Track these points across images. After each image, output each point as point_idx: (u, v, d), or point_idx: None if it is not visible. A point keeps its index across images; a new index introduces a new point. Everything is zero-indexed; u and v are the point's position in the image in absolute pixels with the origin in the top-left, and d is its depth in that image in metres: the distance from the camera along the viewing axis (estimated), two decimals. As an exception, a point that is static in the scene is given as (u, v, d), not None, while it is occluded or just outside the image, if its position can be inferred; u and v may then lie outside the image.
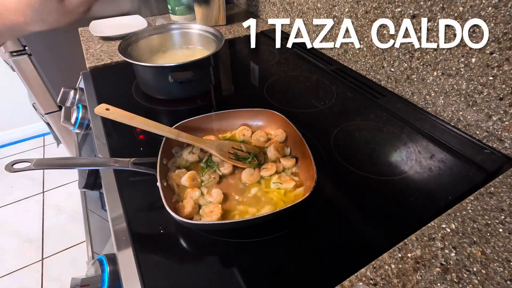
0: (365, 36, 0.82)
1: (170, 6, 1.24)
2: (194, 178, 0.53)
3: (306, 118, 0.73)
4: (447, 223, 0.48)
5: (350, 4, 0.83)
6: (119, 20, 1.22)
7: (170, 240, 0.48)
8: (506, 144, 0.61)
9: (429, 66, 0.69)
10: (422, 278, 0.41)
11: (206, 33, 0.88)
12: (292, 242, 0.47)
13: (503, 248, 0.44)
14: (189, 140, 0.58)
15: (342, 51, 0.93)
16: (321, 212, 0.51)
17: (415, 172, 0.58)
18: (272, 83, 0.87)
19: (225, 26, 1.24)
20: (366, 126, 0.71)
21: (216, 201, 0.51)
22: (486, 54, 0.58)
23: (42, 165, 0.46)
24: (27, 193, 1.82)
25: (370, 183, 0.57)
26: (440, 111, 0.71)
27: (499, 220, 0.48)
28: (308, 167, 0.53)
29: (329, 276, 0.42)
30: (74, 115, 0.81)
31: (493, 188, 0.54)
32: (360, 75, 0.89)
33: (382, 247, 0.45)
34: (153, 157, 0.53)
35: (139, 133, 0.68)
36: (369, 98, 0.79)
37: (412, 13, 0.68)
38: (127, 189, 0.55)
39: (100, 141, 0.66)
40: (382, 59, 0.80)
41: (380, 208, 0.52)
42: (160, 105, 0.78)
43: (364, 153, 0.64)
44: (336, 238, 0.48)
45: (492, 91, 0.59)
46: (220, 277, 0.43)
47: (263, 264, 0.45)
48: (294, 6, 1.06)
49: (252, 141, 0.63)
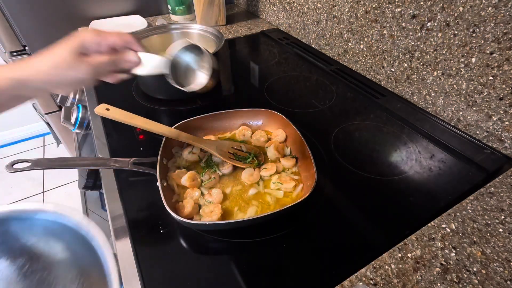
0: (365, 36, 0.82)
1: (170, 6, 1.24)
2: (194, 178, 0.53)
3: (306, 118, 0.73)
4: (447, 223, 0.48)
5: (350, 4, 0.83)
6: (119, 20, 1.22)
7: (170, 240, 0.48)
8: (506, 144, 0.61)
9: (429, 66, 0.69)
10: (422, 278, 0.41)
11: (206, 33, 0.88)
12: (292, 242, 0.47)
13: (503, 248, 0.44)
14: (189, 140, 0.58)
15: (342, 51, 0.93)
16: (321, 212, 0.51)
17: (415, 172, 0.58)
18: (272, 83, 0.87)
19: (225, 26, 1.24)
20: (366, 126, 0.71)
21: (216, 201, 0.51)
22: (486, 54, 0.58)
23: (42, 165, 0.46)
24: (27, 193, 1.82)
25: (370, 183, 0.57)
26: (440, 111, 0.71)
27: (499, 220, 0.48)
28: (308, 167, 0.53)
29: (329, 276, 0.42)
30: (74, 115, 0.81)
31: (493, 188, 0.54)
32: (360, 75, 0.89)
33: (382, 247, 0.45)
34: (153, 157, 0.53)
35: (139, 133, 0.68)
36: (369, 98, 0.79)
37: (412, 13, 0.68)
38: (127, 189, 0.55)
39: (100, 141, 0.66)
40: (382, 59, 0.80)
41: (380, 208, 0.52)
42: (160, 105, 0.78)
43: (364, 153, 0.64)
44: (336, 238, 0.48)
45: (492, 91, 0.59)
46: (220, 277, 0.43)
47: (263, 264, 0.45)
48: (294, 6, 1.06)
49: (252, 141, 0.63)
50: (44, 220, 0.31)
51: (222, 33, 0.84)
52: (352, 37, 0.87)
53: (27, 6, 1.11)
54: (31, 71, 0.39)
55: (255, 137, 0.63)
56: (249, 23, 1.27)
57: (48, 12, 1.15)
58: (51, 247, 0.33)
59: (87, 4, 1.20)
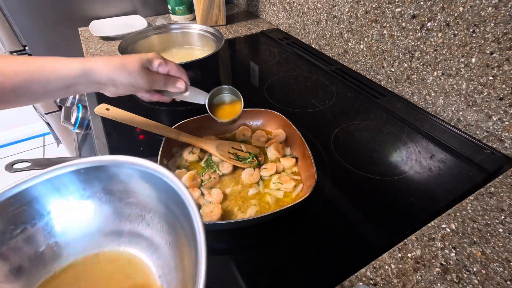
0: (365, 36, 0.82)
1: (170, 6, 1.24)
2: (194, 178, 0.53)
3: (306, 118, 0.73)
4: (447, 223, 0.48)
5: (350, 4, 0.83)
6: (119, 20, 1.22)
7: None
8: (506, 144, 0.61)
9: (429, 66, 0.69)
10: (422, 278, 0.41)
11: (206, 33, 0.88)
12: (292, 242, 0.47)
13: (503, 248, 0.44)
14: (189, 140, 0.58)
15: (342, 51, 0.93)
16: (321, 212, 0.51)
17: (415, 172, 0.58)
18: (272, 83, 0.87)
19: (225, 26, 1.24)
20: (366, 126, 0.71)
21: (216, 201, 0.51)
22: (486, 54, 0.58)
23: (42, 165, 0.46)
24: (27, 193, 1.82)
25: (370, 183, 0.57)
26: (440, 111, 0.71)
27: (499, 220, 0.48)
28: (308, 167, 0.53)
29: (329, 276, 0.42)
30: (74, 115, 0.81)
31: (493, 188, 0.54)
32: (360, 75, 0.89)
33: (382, 247, 0.45)
34: (153, 157, 0.53)
35: (139, 133, 0.68)
36: (369, 98, 0.79)
37: (412, 13, 0.68)
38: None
39: (100, 141, 0.66)
40: (382, 59, 0.80)
41: (380, 208, 0.52)
42: (160, 105, 0.78)
43: (364, 153, 0.64)
44: (336, 238, 0.48)
45: (492, 91, 0.59)
46: (220, 277, 0.43)
47: (263, 264, 0.45)
48: (294, 6, 1.06)
49: (252, 141, 0.63)
50: (140, 170, 0.33)
51: (222, 33, 0.84)
52: (352, 37, 0.87)
53: (27, 6, 1.11)
54: (101, 65, 0.44)
55: (255, 137, 0.63)
56: (249, 23, 1.27)
57: (48, 12, 1.15)
58: (148, 195, 0.35)
59: (87, 4, 1.20)
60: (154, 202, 0.35)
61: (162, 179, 0.32)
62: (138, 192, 0.36)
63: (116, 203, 0.37)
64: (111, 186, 0.36)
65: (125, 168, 0.34)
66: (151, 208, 0.36)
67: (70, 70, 0.42)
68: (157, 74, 0.49)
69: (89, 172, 0.34)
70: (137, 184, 0.35)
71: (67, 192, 0.35)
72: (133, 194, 0.36)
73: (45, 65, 0.41)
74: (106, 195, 0.36)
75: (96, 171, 0.34)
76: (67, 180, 0.34)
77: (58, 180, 0.34)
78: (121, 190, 0.36)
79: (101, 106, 0.53)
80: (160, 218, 0.36)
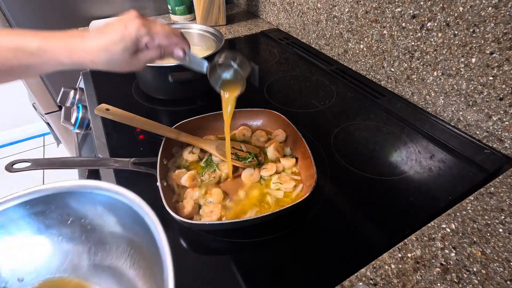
0: (365, 36, 0.82)
1: (170, 6, 1.24)
2: (194, 178, 0.53)
3: (306, 118, 0.73)
4: (447, 223, 0.48)
5: (350, 4, 0.83)
6: (119, 20, 1.22)
7: (170, 240, 0.47)
8: (506, 144, 0.61)
9: (429, 66, 0.69)
10: (422, 278, 0.41)
11: (206, 33, 0.88)
12: (292, 242, 0.47)
13: (503, 248, 0.44)
14: (189, 140, 0.58)
15: (342, 51, 0.93)
16: (321, 212, 0.51)
17: (415, 172, 0.58)
18: (272, 83, 0.87)
19: (225, 26, 1.24)
20: (366, 126, 0.71)
21: (216, 201, 0.51)
22: (486, 54, 0.58)
23: (42, 165, 0.46)
24: (27, 193, 1.82)
25: (370, 183, 0.57)
26: (440, 111, 0.71)
27: (499, 220, 0.48)
28: (308, 167, 0.53)
29: (329, 276, 0.42)
30: (74, 115, 0.81)
31: (493, 188, 0.54)
32: (360, 75, 0.89)
33: (382, 247, 0.45)
34: (153, 157, 0.53)
35: (139, 133, 0.68)
36: (369, 98, 0.79)
37: (412, 13, 0.68)
38: (127, 189, 0.55)
39: (100, 141, 0.66)
40: (382, 59, 0.80)
41: (380, 208, 0.52)
42: (160, 105, 0.78)
43: (364, 153, 0.64)
44: (336, 238, 0.48)
45: (492, 91, 0.59)
46: (220, 277, 0.43)
47: (263, 264, 0.45)
48: (294, 6, 1.06)
49: (252, 141, 0.63)
50: (100, 195, 0.33)
51: (222, 33, 0.83)
52: (352, 37, 0.87)
53: (27, 6, 1.11)
54: (87, 59, 0.42)
55: (255, 137, 0.63)
56: (249, 23, 1.27)
57: (48, 12, 1.15)
58: (105, 221, 0.35)
59: (87, 4, 1.20)
60: (115, 227, 0.35)
61: (121, 200, 0.31)
62: (96, 219, 0.35)
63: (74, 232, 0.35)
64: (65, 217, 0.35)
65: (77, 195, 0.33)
66: (113, 236, 0.35)
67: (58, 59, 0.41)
68: (148, 53, 0.45)
69: (35, 205, 0.33)
70: (94, 210, 0.34)
71: (17, 229, 0.34)
72: (90, 221, 0.35)
73: (12, 40, 0.39)
74: (62, 228, 0.35)
75: (43, 204, 0.33)
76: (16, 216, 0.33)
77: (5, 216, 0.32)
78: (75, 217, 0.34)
79: (101, 106, 0.53)
80: (122, 243, 0.35)
